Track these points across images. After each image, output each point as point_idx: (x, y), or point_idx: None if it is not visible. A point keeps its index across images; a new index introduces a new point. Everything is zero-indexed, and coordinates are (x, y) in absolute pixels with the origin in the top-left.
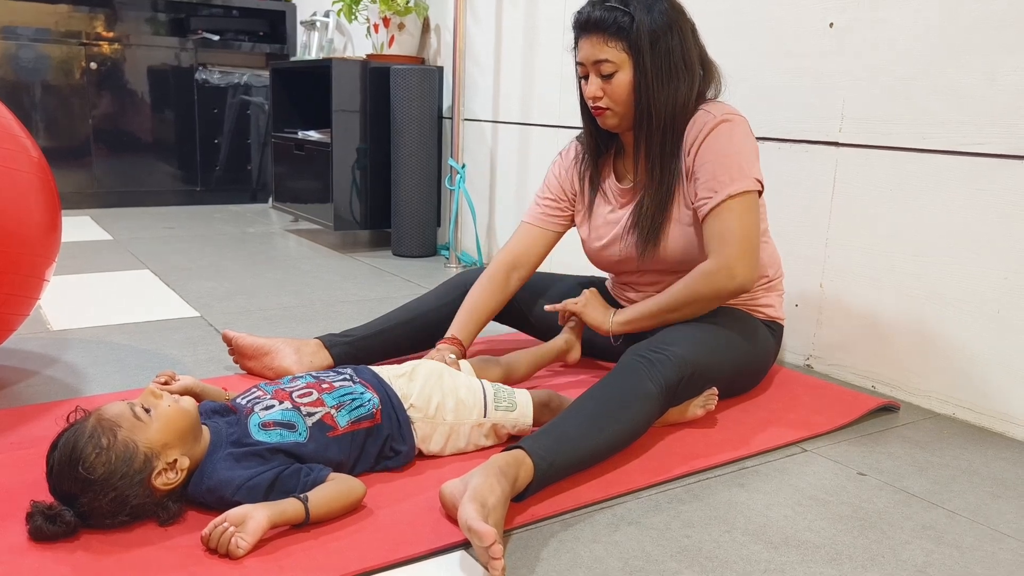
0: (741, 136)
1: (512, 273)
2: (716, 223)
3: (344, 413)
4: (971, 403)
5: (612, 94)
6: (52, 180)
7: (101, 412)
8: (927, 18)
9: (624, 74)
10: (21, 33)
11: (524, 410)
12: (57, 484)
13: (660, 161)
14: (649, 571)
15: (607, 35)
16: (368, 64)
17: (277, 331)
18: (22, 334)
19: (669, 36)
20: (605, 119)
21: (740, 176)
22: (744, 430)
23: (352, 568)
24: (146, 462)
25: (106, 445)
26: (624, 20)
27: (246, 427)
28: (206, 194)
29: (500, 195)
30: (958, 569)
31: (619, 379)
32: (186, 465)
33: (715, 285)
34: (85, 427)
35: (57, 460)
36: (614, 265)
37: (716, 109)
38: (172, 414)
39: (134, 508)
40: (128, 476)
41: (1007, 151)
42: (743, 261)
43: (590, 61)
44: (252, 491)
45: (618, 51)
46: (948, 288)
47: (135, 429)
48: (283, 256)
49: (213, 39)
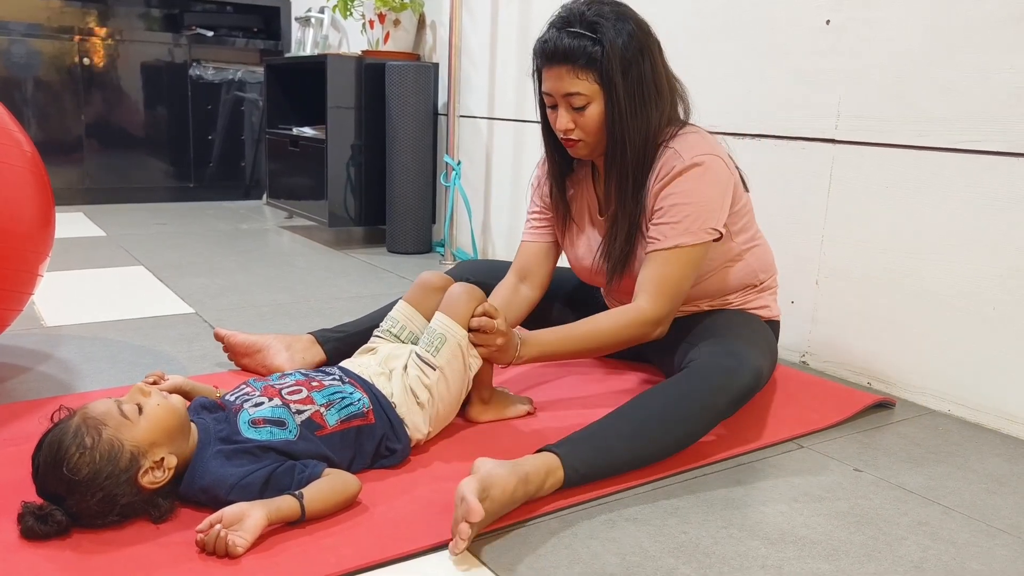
0: (708, 182)
1: (521, 285)
2: (657, 267)
3: (334, 412)
4: (967, 400)
5: (584, 126)
6: (45, 175)
7: (86, 410)
8: (923, 16)
9: (596, 106)
10: (13, 28)
11: (452, 339)
12: (43, 485)
13: (632, 192)
14: (646, 567)
15: (576, 67)
16: (363, 60)
17: (271, 328)
18: (16, 330)
19: (641, 61)
20: (577, 149)
21: (693, 228)
22: (740, 427)
23: (347, 565)
24: (132, 461)
25: (90, 445)
26: (595, 50)
27: (235, 424)
28: (200, 190)
29: (495, 192)
30: (954, 565)
31: (688, 383)
32: (173, 463)
33: (641, 333)
34: (69, 426)
35: (42, 461)
36: (594, 283)
37: (687, 150)
38: (160, 412)
39: (123, 507)
40: (114, 476)
41: (1002, 148)
42: (670, 317)
43: (559, 94)
44: (246, 489)
45: (590, 83)
46: (943, 285)
47: (121, 427)
48: (277, 253)
49: (207, 35)
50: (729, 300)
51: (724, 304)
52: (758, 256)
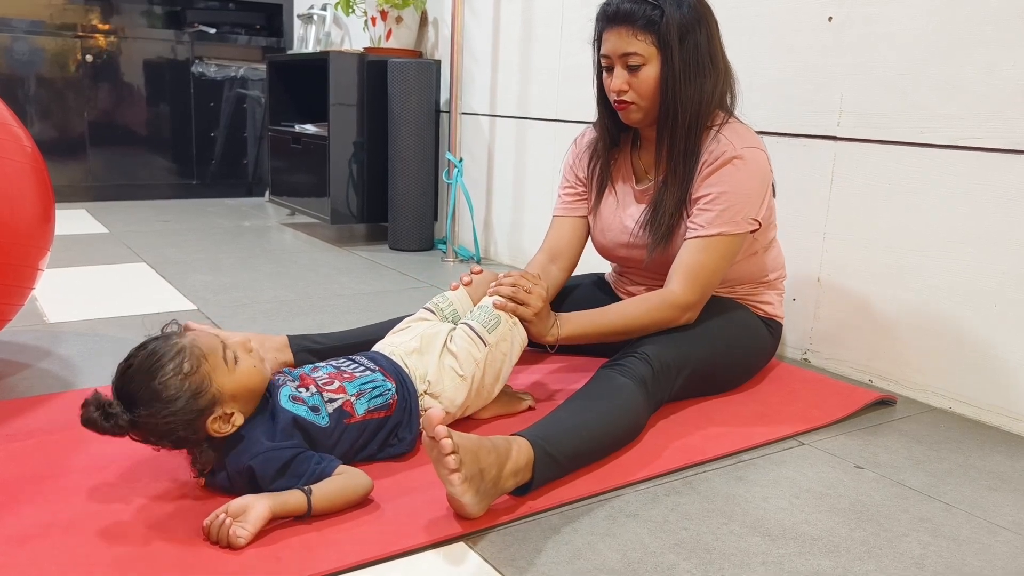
0: (753, 175)
1: (551, 265)
2: (694, 253)
3: (363, 401)
4: (968, 397)
5: (638, 88)
6: (45, 170)
7: (195, 338)
8: (926, 12)
9: (651, 68)
10: (16, 25)
11: (505, 321)
12: (124, 385)
13: (683, 159)
14: (647, 563)
15: (636, 28)
16: (365, 58)
17: (273, 324)
18: (17, 327)
19: (697, 31)
20: (629, 113)
21: (737, 218)
22: (741, 423)
23: (351, 560)
24: (210, 403)
25: (187, 371)
26: (654, 14)
27: (276, 396)
28: (202, 188)
29: (497, 189)
30: (955, 561)
31: (592, 384)
32: (239, 422)
33: (671, 318)
34: (175, 345)
35: (137, 364)
36: (619, 259)
37: (737, 139)
38: (253, 372)
39: (179, 439)
40: (190, 409)
41: (1006, 146)
42: (700, 303)
43: (617, 54)
44: (269, 461)
45: (647, 44)
46: (945, 282)
47: (217, 369)
48: (279, 250)
49: (209, 32)
50: (736, 291)
51: (730, 293)
52: (772, 255)
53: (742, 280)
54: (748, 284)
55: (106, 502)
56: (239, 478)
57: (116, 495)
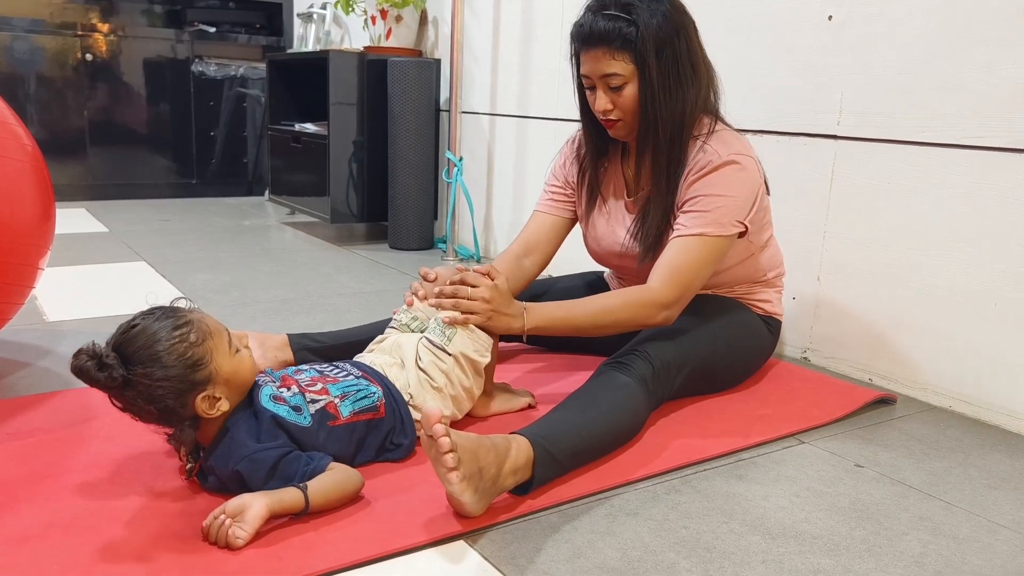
0: (741, 180)
1: (524, 259)
2: (676, 253)
3: (348, 403)
4: (968, 396)
5: (622, 106)
6: (45, 168)
7: (204, 317)
8: (926, 11)
9: (633, 86)
10: (16, 24)
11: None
12: (125, 341)
13: (667, 171)
14: (647, 562)
15: (612, 49)
16: (365, 56)
17: (273, 323)
18: (18, 325)
19: (676, 42)
20: (616, 130)
21: (722, 220)
22: (741, 422)
23: (351, 559)
24: (204, 380)
25: (191, 342)
26: (629, 31)
27: (257, 395)
28: (202, 187)
29: (497, 188)
30: (955, 560)
31: (592, 381)
32: (225, 408)
33: (647, 315)
34: (186, 316)
35: (143, 324)
36: (614, 266)
37: (723, 147)
38: (248, 363)
39: (165, 409)
40: (184, 380)
41: (1006, 144)
42: (680, 304)
43: (597, 76)
44: (255, 464)
45: (625, 63)
46: (945, 281)
47: (218, 349)
48: (279, 249)
49: (209, 31)
50: (734, 290)
51: (729, 292)
52: (769, 255)
53: (740, 280)
54: (747, 283)
55: (106, 501)
56: (230, 481)
57: (116, 495)
